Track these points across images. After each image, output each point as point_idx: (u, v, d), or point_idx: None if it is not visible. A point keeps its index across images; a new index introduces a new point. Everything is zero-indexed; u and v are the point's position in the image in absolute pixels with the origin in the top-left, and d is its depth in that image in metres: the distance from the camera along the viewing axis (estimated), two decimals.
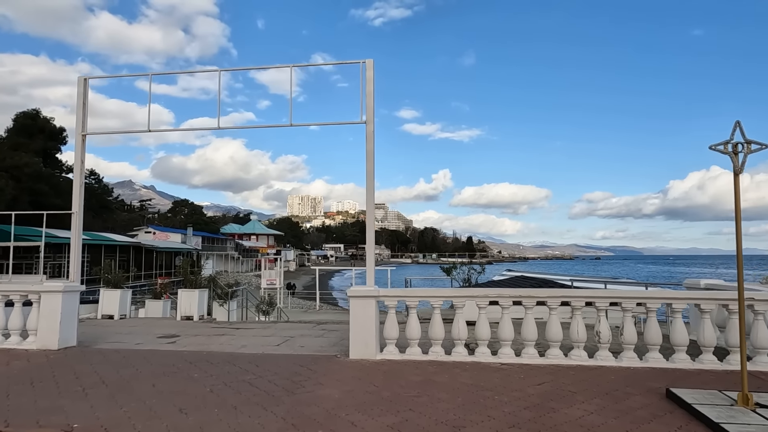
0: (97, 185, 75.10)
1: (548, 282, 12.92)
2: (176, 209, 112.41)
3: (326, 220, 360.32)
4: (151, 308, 14.79)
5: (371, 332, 6.82)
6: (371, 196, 7.37)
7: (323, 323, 11.30)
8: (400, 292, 7.03)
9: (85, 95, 8.25)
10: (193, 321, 12.05)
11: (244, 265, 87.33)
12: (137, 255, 50.48)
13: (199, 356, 7.13)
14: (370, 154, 7.47)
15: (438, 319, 6.83)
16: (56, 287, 7.56)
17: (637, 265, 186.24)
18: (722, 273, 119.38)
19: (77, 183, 8.09)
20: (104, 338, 9.16)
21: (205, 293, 13.00)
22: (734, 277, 5.24)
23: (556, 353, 6.57)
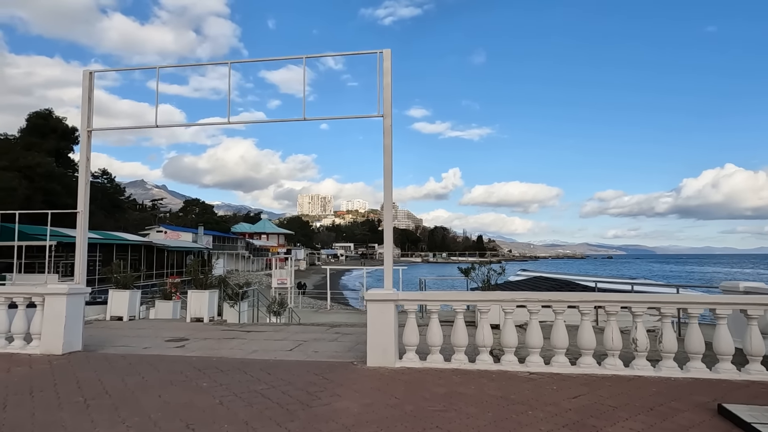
0: (110, 185, 75.62)
1: (569, 283, 12.43)
2: (187, 208, 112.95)
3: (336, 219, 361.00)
4: (161, 309, 14.51)
5: (390, 338, 6.42)
6: (389, 193, 6.96)
7: (337, 326, 10.92)
8: (421, 296, 6.62)
9: (91, 89, 7.93)
10: (203, 323, 11.74)
11: (255, 264, 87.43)
12: (149, 254, 50.64)
13: (208, 363, 6.77)
14: (388, 150, 7.06)
15: (461, 325, 6.41)
16: (60, 289, 7.25)
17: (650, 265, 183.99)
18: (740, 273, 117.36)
19: (83, 180, 7.78)
20: (111, 342, 8.85)
21: (216, 294, 12.68)
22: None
23: (589, 362, 6.12)
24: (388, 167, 7.01)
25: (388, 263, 6.89)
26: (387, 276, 6.85)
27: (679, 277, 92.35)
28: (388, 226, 6.96)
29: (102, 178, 74.96)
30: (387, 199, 6.95)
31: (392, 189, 7.01)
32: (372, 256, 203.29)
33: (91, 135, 7.95)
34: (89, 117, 7.89)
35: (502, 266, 10.82)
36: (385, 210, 6.96)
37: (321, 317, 28.27)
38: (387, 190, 6.96)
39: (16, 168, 47.65)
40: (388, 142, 7.07)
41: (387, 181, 6.98)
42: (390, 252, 6.92)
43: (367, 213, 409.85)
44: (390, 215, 6.96)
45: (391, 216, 6.97)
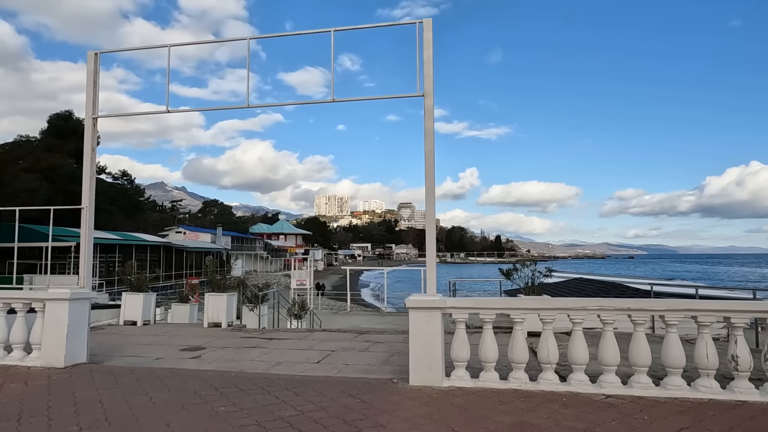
0: (130, 186, 76.03)
1: (618, 286, 11.32)
2: (206, 209, 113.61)
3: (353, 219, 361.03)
4: (178, 313, 13.80)
5: (436, 353, 5.47)
6: (431, 182, 6.02)
7: (365, 332, 10.01)
8: (473, 303, 5.65)
9: (96, 72, 7.15)
10: (221, 328, 10.94)
11: (273, 265, 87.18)
12: (168, 255, 50.50)
13: (226, 378, 5.91)
14: (430, 134, 6.12)
15: (520, 338, 5.43)
16: (62, 294, 6.47)
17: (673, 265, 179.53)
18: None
19: (87, 173, 7.01)
20: (121, 351, 8.08)
21: (234, 297, 11.88)
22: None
23: (678, 383, 5.09)
24: (430, 153, 6.07)
25: (431, 263, 5.95)
26: (430, 279, 5.90)
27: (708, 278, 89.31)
28: (430, 221, 6.01)
29: (122, 179, 75.36)
30: (429, 188, 6.01)
31: (434, 178, 6.07)
32: (389, 257, 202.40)
33: (97, 122, 7.17)
34: (94, 103, 7.12)
35: (549, 267, 9.77)
36: (427, 199, 6.02)
37: (342, 320, 27.44)
38: (429, 179, 6.02)
39: (37, 169, 47.91)
40: (430, 125, 6.13)
41: (429, 168, 6.04)
42: (433, 250, 5.97)
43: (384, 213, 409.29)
44: (433, 207, 6.01)
45: (433, 208, 6.03)
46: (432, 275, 5.92)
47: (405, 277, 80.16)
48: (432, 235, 6.00)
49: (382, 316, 30.68)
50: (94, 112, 7.09)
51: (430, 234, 6.00)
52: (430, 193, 6.02)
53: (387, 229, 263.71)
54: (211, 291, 11.73)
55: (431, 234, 6.00)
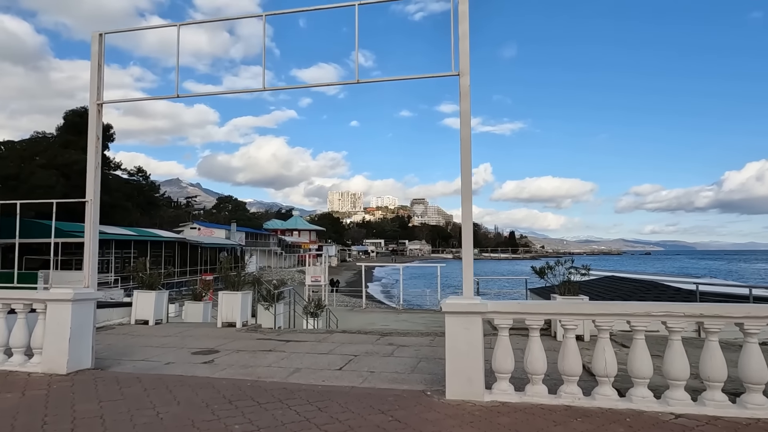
0: (145, 182, 76.40)
1: (656, 285, 10.56)
2: (220, 206, 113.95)
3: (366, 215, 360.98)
4: (191, 311, 13.33)
5: (477, 363, 4.85)
6: (467, 169, 5.38)
7: (387, 334, 9.41)
8: (518, 307, 4.99)
9: (101, 54, 6.62)
10: (235, 328, 10.43)
11: (287, 261, 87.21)
12: (182, 251, 50.48)
13: (241, 388, 5.35)
14: (466, 116, 5.48)
15: (573, 347, 4.77)
16: (64, 295, 5.97)
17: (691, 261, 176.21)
18: None
19: (92, 164, 6.48)
20: (129, 354, 7.58)
21: (249, 296, 11.37)
22: None
23: (760, 401, 4.40)
24: (467, 139, 5.43)
25: (467, 261, 5.30)
26: (467, 279, 5.26)
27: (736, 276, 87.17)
28: (467, 212, 5.36)
29: (137, 175, 75.71)
30: (465, 177, 5.36)
31: (471, 165, 5.43)
32: (402, 253, 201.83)
33: (102, 109, 6.64)
34: (99, 87, 6.58)
35: (587, 266, 9.05)
36: (463, 192, 5.37)
37: (358, 318, 26.92)
38: (465, 167, 5.38)
39: (53, 166, 48.12)
40: (466, 107, 5.49)
41: (465, 156, 5.40)
42: (470, 245, 5.34)
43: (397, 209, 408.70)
44: (469, 198, 5.37)
45: (470, 199, 5.38)
46: (469, 274, 5.27)
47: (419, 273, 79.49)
48: (468, 228, 5.36)
49: (398, 313, 30.10)
50: (98, 97, 6.57)
51: (467, 227, 5.36)
52: (466, 183, 5.38)
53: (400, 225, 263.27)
54: (224, 289, 11.23)
55: (467, 227, 5.36)
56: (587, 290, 10.68)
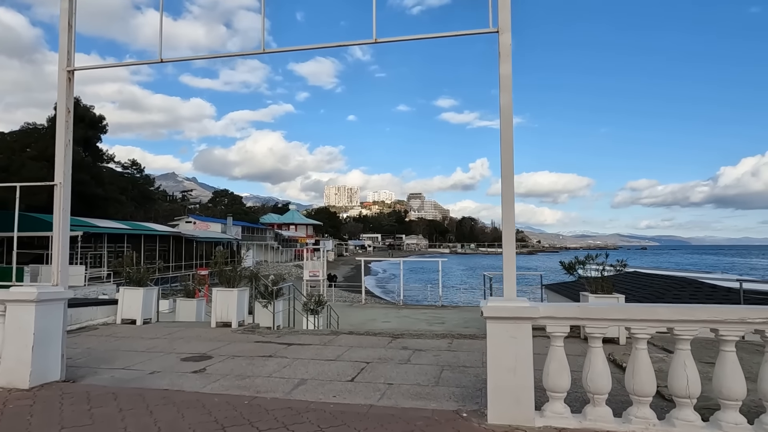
0: (139, 176, 75.19)
1: (691, 282, 9.70)
2: (216, 199, 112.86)
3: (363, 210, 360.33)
4: (184, 309, 12.44)
5: (526, 380, 3.95)
6: (508, 146, 4.47)
7: (399, 336, 8.50)
8: (577, 312, 4.08)
9: (71, 13, 5.65)
10: (231, 329, 9.52)
11: (284, 255, 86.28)
12: (177, 245, 49.45)
13: (236, 408, 4.44)
14: (507, 81, 4.56)
15: (645, 361, 3.88)
16: (25, 294, 5.02)
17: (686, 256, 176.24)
18: None
19: (62, 141, 5.52)
20: (110, 360, 6.66)
21: (246, 293, 10.45)
22: None
23: None
24: (508, 108, 4.52)
25: (509, 254, 4.39)
26: (508, 277, 4.35)
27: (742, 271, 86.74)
28: (508, 195, 4.44)
29: (132, 169, 74.52)
30: (506, 154, 4.45)
31: (512, 141, 4.52)
32: (399, 247, 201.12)
33: (73, 77, 5.68)
34: (69, 52, 5.61)
35: (622, 261, 8.14)
36: (503, 171, 4.46)
37: (359, 313, 26.07)
38: (506, 142, 4.47)
39: (44, 157, 46.81)
40: (508, 70, 4.56)
41: (506, 130, 4.49)
42: (512, 238, 4.43)
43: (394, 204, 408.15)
44: (511, 176, 4.46)
45: (512, 179, 4.47)
46: (511, 270, 4.36)
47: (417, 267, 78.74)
48: (510, 214, 4.44)
49: (399, 309, 29.27)
50: (69, 63, 5.60)
51: (508, 211, 4.44)
52: (507, 160, 4.46)
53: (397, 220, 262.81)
54: (219, 285, 10.30)
55: (509, 212, 4.44)
56: (615, 287, 9.74)
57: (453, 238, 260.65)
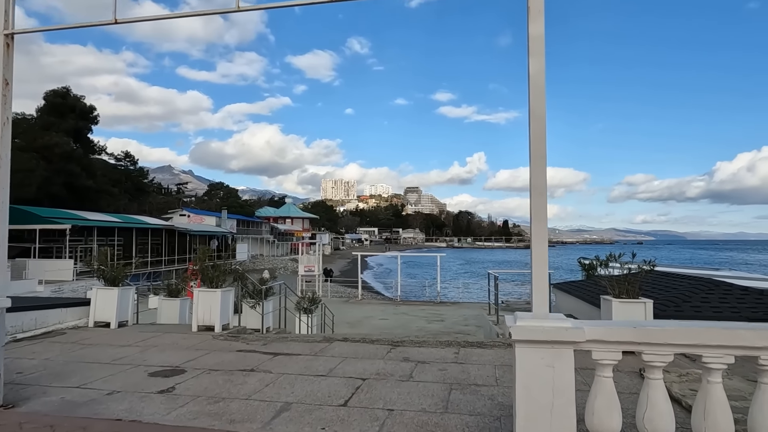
0: (133, 168, 74.03)
1: (718, 284, 8.85)
2: (212, 192, 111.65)
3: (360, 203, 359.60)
4: (166, 310, 11.53)
5: (566, 420, 3.08)
6: (540, 120, 3.60)
7: (398, 343, 7.63)
8: (634, 334, 3.16)
9: None
10: (213, 334, 8.63)
11: (280, 249, 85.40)
12: (170, 238, 48.50)
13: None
14: (539, 43, 3.67)
15: (721, 397, 3.02)
16: None
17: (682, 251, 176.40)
18: None
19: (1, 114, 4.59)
20: (66, 376, 5.76)
21: (231, 294, 9.55)
22: None
23: None
24: (539, 76, 3.64)
25: (540, 259, 3.50)
26: (539, 287, 3.46)
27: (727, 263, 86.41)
28: (538, 181, 3.56)
29: (125, 161, 73.35)
30: (536, 132, 3.57)
31: (545, 116, 3.64)
32: (396, 241, 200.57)
33: (12, 42, 4.74)
34: (8, 12, 4.67)
35: (651, 261, 7.27)
36: (533, 153, 3.58)
37: (355, 310, 25.23)
38: (536, 119, 3.59)
39: (33, 149, 45.69)
40: (538, 30, 3.68)
41: (537, 102, 3.61)
42: (543, 236, 3.55)
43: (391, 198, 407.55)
44: (543, 157, 3.58)
45: (544, 157, 3.60)
46: (542, 276, 3.47)
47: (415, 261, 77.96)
48: (541, 206, 3.57)
49: (397, 305, 28.46)
50: (6, 26, 4.66)
51: (539, 206, 3.56)
52: (538, 143, 3.59)
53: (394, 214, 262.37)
54: (201, 285, 9.40)
55: (540, 206, 3.56)
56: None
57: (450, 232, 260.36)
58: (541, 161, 3.59)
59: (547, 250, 3.58)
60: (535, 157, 3.61)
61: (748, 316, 7.55)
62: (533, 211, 3.60)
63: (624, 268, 7.04)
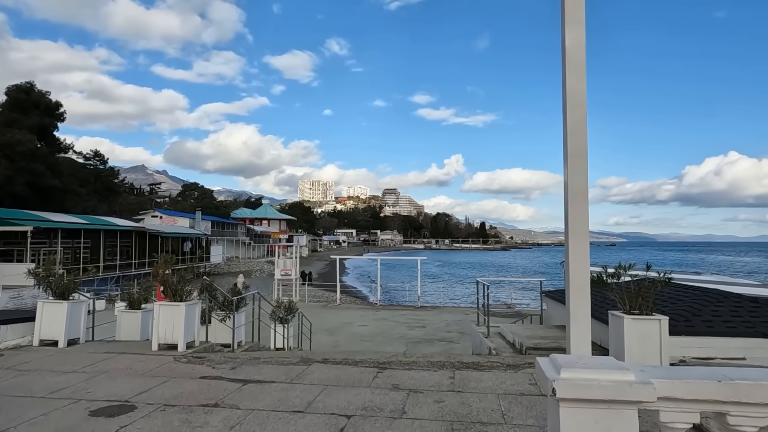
0: (103, 167, 71.50)
1: (727, 295, 8.26)
2: (186, 193, 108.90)
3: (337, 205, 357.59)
4: (126, 323, 10.43)
5: None
6: (579, 102, 2.81)
7: (385, 365, 6.78)
8: (721, 391, 2.40)
9: None
10: (175, 354, 7.64)
11: (256, 251, 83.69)
12: (141, 241, 46.57)
13: None
14: (577, 10, 2.88)
15: None
16: None
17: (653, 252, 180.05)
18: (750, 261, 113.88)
19: None
20: None
21: (197, 307, 8.56)
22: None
23: None
24: (576, 46, 2.85)
25: (579, 282, 2.72)
26: (579, 320, 2.68)
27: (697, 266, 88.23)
28: (577, 170, 2.78)
29: (94, 160, 70.79)
30: (574, 109, 2.78)
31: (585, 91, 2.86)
32: (374, 243, 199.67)
33: None
34: None
35: (666, 275, 6.59)
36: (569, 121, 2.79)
37: (333, 316, 24.28)
38: (574, 95, 2.80)
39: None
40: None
41: (575, 76, 2.82)
42: (584, 254, 2.76)
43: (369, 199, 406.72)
44: (584, 141, 2.80)
45: (585, 162, 2.82)
46: (582, 308, 2.69)
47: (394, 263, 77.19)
48: (581, 214, 2.79)
49: (377, 310, 27.58)
50: None
51: (578, 215, 2.77)
52: (576, 134, 2.80)
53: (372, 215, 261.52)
54: (164, 298, 8.38)
55: (580, 215, 2.78)
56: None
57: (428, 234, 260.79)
58: (581, 160, 2.81)
59: (588, 272, 2.80)
60: (572, 154, 2.82)
61: (764, 332, 6.96)
62: (570, 221, 2.81)
63: (625, 274, 6.34)
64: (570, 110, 2.87)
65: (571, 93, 2.84)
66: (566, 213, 2.84)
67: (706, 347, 7.08)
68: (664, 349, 6.19)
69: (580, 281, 2.76)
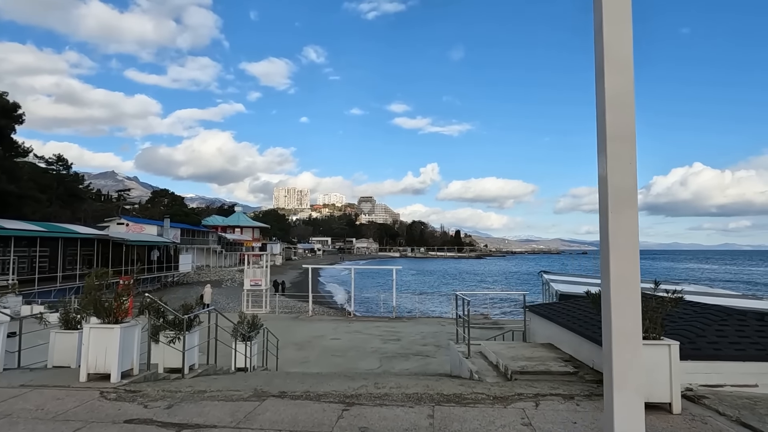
0: (66, 172, 68.48)
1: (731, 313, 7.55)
2: (155, 200, 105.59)
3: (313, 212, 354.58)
4: (60, 346, 9.08)
5: None
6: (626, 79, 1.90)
7: (354, 401, 5.76)
8: None
9: None
10: (105, 387, 6.46)
11: (228, 260, 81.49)
12: (104, 249, 44.31)
13: None
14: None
15: None
16: None
17: None
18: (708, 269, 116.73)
19: None
20: None
21: (136, 329, 7.37)
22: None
23: None
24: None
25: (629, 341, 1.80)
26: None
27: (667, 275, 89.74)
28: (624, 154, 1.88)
29: (57, 164, 67.76)
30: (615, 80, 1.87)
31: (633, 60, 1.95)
32: (350, 251, 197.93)
33: None
34: None
35: (676, 293, 5.78)
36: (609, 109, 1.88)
37: (304, 330, 23.04)
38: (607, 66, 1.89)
39: None
40: None
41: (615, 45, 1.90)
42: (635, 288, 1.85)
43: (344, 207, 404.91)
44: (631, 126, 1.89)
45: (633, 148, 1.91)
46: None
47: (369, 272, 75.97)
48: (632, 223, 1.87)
49: (350, 322, 26.44)
50: None
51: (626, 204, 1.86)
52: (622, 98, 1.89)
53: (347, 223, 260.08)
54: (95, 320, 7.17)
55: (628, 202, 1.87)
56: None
57: (403, 242, 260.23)
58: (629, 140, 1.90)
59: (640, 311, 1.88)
60: (612, 136, 1.91)
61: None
62: (612, 237, 1.89)
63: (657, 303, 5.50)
64: (609, 110, 1.96)
65: (613, 96, 1.94)
66: (605, 225, 1.92)
67: (713, 373, 6.31)
68: (674, 378, 5.36)
69: (634, 294, 1.83)
